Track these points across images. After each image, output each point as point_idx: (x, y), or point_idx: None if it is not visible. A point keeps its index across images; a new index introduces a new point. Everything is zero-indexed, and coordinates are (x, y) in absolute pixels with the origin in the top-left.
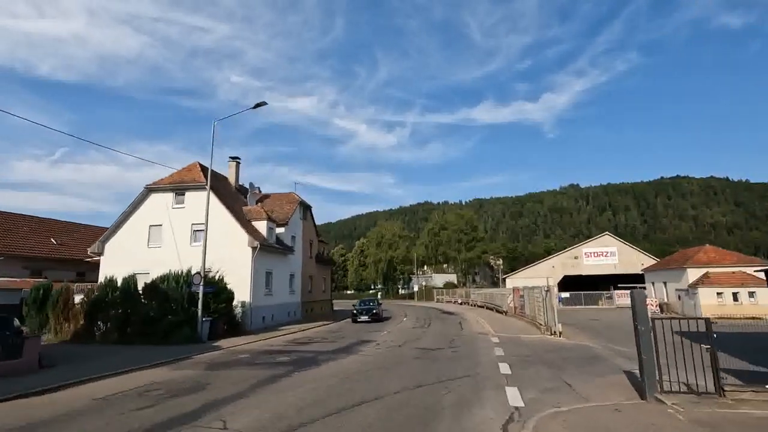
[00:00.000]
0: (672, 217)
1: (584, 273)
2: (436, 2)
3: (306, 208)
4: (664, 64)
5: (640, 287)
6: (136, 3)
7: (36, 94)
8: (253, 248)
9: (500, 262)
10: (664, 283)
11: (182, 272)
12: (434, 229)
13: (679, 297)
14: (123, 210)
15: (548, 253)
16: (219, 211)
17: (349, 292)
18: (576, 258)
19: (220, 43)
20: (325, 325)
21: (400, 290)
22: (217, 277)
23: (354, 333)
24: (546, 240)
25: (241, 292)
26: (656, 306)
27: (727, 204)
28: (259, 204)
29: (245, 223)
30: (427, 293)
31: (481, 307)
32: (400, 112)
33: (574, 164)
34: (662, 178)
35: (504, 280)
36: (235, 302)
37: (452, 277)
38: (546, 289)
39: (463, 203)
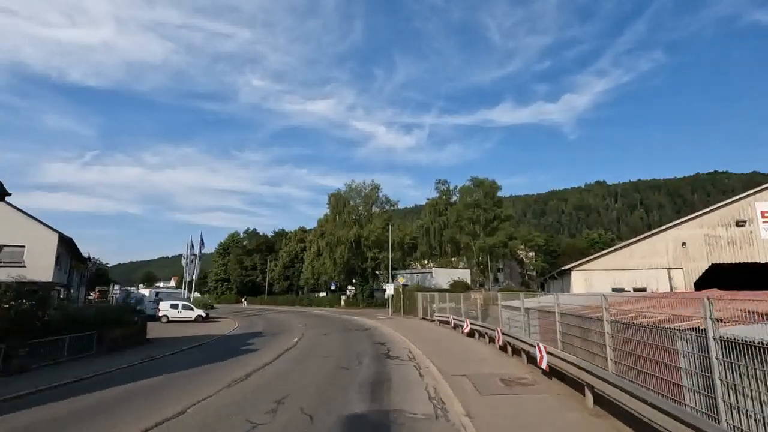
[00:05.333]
0: None
1: (763, 259)
2: (454, 4)
3: None
4: (691, 62)
5: None
6: (162, 10)
7: (67, 99)
8: None
9: (532, 254)
10: None
11: None
12: (438, 206)
13: None
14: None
15: (591, 246)
16: None
17: (321, 294)
18: (739, 225)
19: (241, 47)
20: None
21: (383, 292)
22: None
23: None
24: (570, 240)
25: None
26: None
27: None
28: None
29: None
30: (409, 301)
31: (566, 382)
32: (418, 113)
33: (599, 162)
34: (698, 173)
35: (568, 272)
36: None
37: (464, 274)
38: None
39: None
